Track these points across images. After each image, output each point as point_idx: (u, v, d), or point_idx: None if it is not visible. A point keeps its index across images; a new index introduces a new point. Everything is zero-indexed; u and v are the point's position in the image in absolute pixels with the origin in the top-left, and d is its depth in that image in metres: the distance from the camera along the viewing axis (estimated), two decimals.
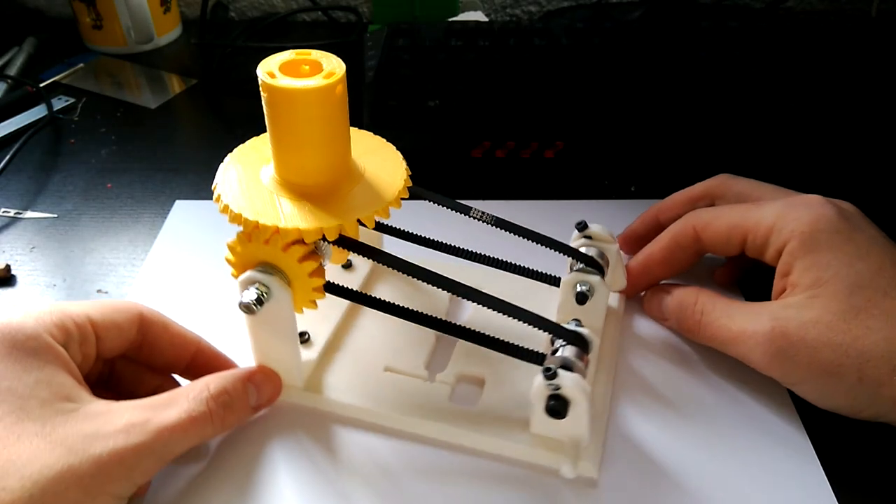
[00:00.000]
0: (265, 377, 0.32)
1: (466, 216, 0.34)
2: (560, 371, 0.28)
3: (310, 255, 0.30)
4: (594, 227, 0.35)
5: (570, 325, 0.31)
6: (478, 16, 0.71)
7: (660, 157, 0.52)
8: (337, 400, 0.34)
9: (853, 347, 0.30)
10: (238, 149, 0.33)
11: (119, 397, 0.29)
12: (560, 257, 0.35)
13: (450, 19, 0.66)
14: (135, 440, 0.26)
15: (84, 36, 0.70)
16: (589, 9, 0.70)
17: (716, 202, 0.39)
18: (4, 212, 0.49)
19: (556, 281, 0.35)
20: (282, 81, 0.28)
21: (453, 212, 0.34)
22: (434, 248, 0.37)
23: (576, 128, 0.52)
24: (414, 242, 0.37)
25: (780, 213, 0.34)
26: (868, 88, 0.53)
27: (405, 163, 0.33)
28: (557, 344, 0.30)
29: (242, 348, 0.37)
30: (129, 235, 0.46)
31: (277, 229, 0.28)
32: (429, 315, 0.33)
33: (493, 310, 0.30)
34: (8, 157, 0.52)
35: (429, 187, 0.34)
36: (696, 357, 0.37)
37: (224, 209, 0.30)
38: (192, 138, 0.58)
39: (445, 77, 0.53)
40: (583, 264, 0.34)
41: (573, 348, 0.29)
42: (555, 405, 0.28)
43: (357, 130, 0.34)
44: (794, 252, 0.32)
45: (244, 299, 0.29)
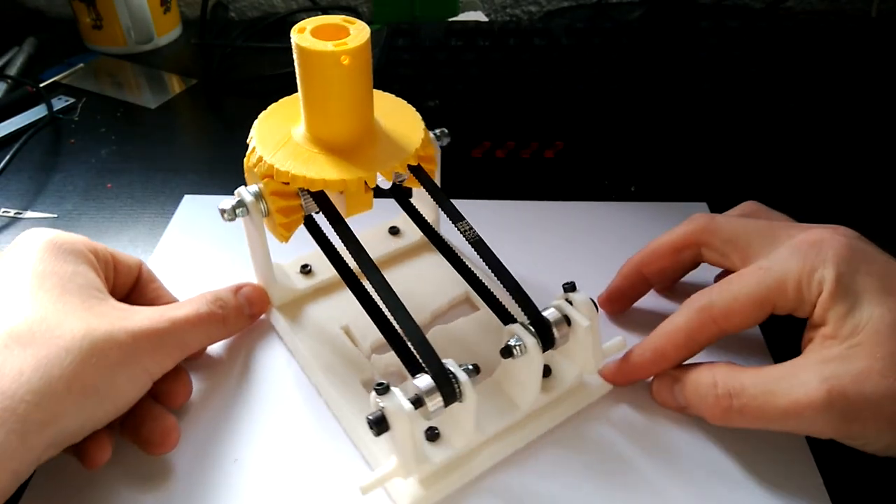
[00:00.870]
0: (253, 290, 0.38)
1: (454, 223, 0.34)
2: (393, 390, 0.28)
3: (283, 195, 0.34)
4: (578, 297, 0.32)
5: (463, 369, 0.29)
6: (478, 16, 0.71)
7: (660, 157, 0.52)
8: (286, 331, 0.38)
9: None
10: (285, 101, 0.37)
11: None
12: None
13: (450, 19, 0.66)
14: (157, 325, 0.31)
15: (84, 36, 0.70)
16: (589, 9, 0.71)
17: (702, 251, 0.36)
18: (4, 212, 0.49)
19: (512, 320, 0.33)
20: (299, 39, 0.31)
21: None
22: (431, 240, 0.37)
23: (576, 128, 0.52)
24: (421, 229, 0.38)
25: (799, 267, 0.31)
26: (868, 88, 0.53)
27: (423, 123, 0.36)
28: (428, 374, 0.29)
29: (243, 343, 0.39)
30: (129, 235, 0.46)
31: (260, 158, 0.33)
32: (370, 298, 0.33)
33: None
34: (8, 157, 0.52)
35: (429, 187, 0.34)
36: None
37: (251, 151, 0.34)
38: (192, 138, 0.58)
39: (445, 77, 0.53)
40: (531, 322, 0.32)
41: (431, 384, 0.29)
42: (372, 420, 0.28)
43: (382, 93, 0.37)
44: (826, 303, 0.30)
45: (222, 205, 0.34)
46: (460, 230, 0.33)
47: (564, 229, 0.46)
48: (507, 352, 0.31)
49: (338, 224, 0.33)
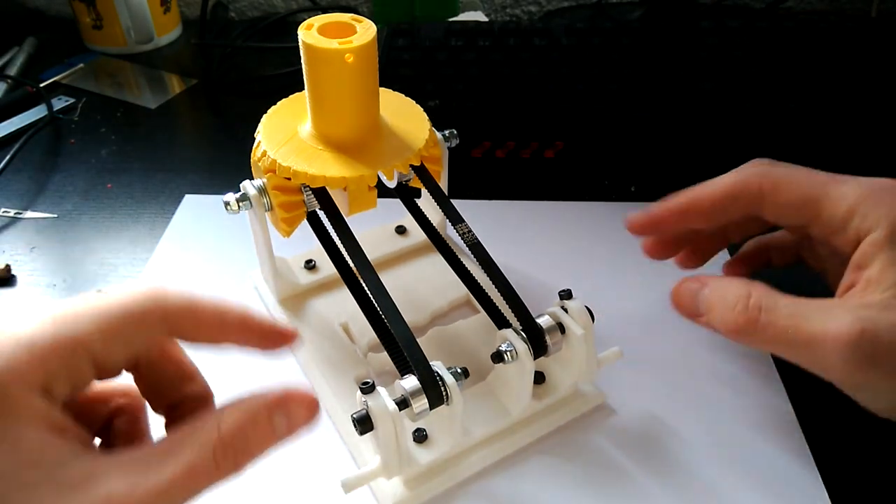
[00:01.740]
0: (299, 400, 0.26)
1: (454, 225, 0.34)
2: (379, 389, 0.28)
3: (285, 190, 0.34)
4: (574, 304, 0.32)
5: (452, 372, 0.29)
6: (478, 16, 0.71)
7: (660, 157, 0.52)
8: (290, 324, 0.37)
9: None
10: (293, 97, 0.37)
11: (149, 395, 0.27)
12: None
13: (450, 19, 0.66)
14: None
15: (84, 36, 0.70)
16: (589, 9, 0.71)
17: (766, 200, 0.33)
18: (4, 212, 0.49)
19: (507, 324, 0.33)
20: (305, 36, 0.31)
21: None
22: (433, 241, 0.37)
23: (576, 128, 0.52)
24: (423, 230, 0.38)
25: (866, 195, 0.29)
26: (868, 88, 0.53)
27: (430, 123, 0.36)
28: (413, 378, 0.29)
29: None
30: (129, 235, 0.46)
31: (265, 153, 0.33)
32: (368, 298, 0.33)
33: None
34: (8, 157, 0.52)
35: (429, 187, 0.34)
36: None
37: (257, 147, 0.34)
38: (192, 138, 0.58)
39: (445, 77, 0.53)
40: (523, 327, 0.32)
41: (417, 385, 0.29)
42: (356, 418, 0.28)
43: (390, 92, 0.37)
44: (879, 243, 0.28)
45: (226, 198, 0.34)
46: (459, 232, 0.33)
47: (564, 229, 0.46)
48: (499, 357, 0.31)
49: (337, 222, 0.33)
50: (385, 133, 0.34)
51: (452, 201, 0.35)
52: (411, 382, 0.29)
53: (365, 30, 0.32)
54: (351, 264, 0.33)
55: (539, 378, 0.34)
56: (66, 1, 0.69)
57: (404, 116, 0.36)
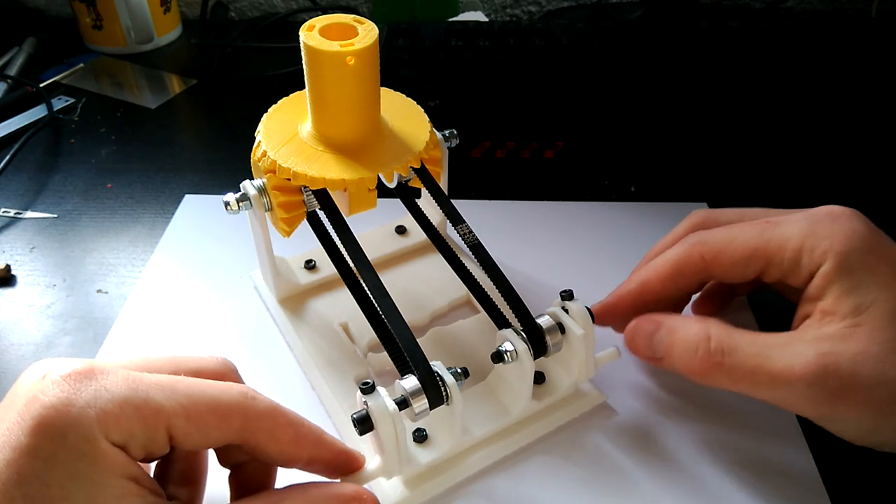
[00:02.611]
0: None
1: (454, 225, 0.34)
2: (378, 389, 0.28)
3: (285, 190, 0.34)
4: (574, 305, 0.32)
5: (452, 372, 0.29)
6: (478, 16, 0.71)
7: (660, 157, 0.52)
8: (286, 325, 0.38)
9: None
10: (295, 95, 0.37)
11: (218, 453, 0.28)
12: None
13: (450, 19, 0.66)
14: None
15: (84, 36, 0.70)
16: (589, 9, 0.71)
17: (711, 267, 0.33)
18: (4, 212, 0.49)
19: (507, 324, 0.33)
20: (307, 38, 0.31)
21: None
22: (433, 241, 0.37)
23: (576, 128, 0.52)
24: (424, 230, 0.38)
25: (808, 231, 0.30)
26: (868, 88, 0.53)
27: (430, 125, 0.35)
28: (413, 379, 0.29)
29: (243, 342, 0.39)
30: (129, 235, 0.46)
31: (265, 153, 0.33)
32: (369, 300, 0.33)
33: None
34: (8, 157, 0.52)
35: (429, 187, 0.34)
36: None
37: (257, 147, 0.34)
38: (192, 138, 0.58)
39: (445, 77, 0.53)
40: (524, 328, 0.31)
41: (417, 385, 0.29)
42: (356, 418, 0.28)
43: (391, 92, 0.37)
44: (829, 275, 0.29)
45: (226, 198, 0.34)
46: (459, 233, 0.33)
47: (564, 229, 0.46)
48: (498, 357, 0.31)
49: (337, 222, 0.33)
50: (386, 135, 0.34)
51: (452, 201, 0.35)
52: (411, 382, 0.29)
53: (367, 32, 0.31)
54: (351, 264, 0.33)
55: (539, 378, 0.34)
56: (66, 1, 0.69)
57: (405, 118, 0.36)
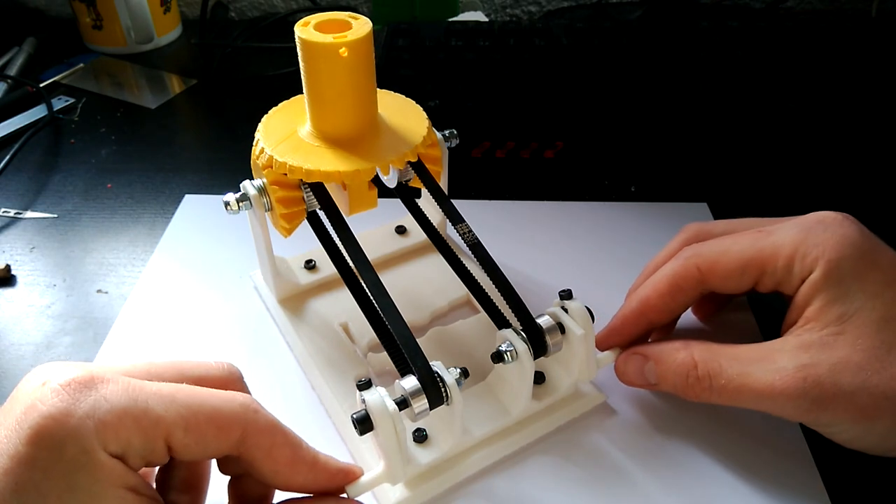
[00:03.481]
0: None
1: (454, 225, 0.34)
2: (378, 389, 0.28)
3: (283, 185, 0.33)
4: (574, 305, 0.32)
5: (454, 372, 0.29)
6: (478, 16, 0.71)
7: (660, 157, 0.52)
8: (286, 325, 0.38)
9: (890, 387, 0.27)
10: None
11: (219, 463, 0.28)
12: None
13: (450, 19, 0.66)
14: None
15: (84, 36, 0.70)
16: (589, 9, 0.71)
17: (707, 280, 0.34)
18: (4, 212, 0.49)
19: (507, 324, 0.33)
20: (301, 31, 0.31)
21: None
22: (433, 241, 0.37)
23: (576, 128, 0.52)
24: (424, 230, 0.38)
25: (800, 239, 0.30)
26: (868, 88, 0.53)
27: (428, 121, 0.35)
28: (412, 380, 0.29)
29: (243, 342, 0.39)
30: (129, 235, 0.46)
31: (262, 150, 0.33)
32: (368, 298, 0.33)
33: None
34: (8, 157, 0.52)
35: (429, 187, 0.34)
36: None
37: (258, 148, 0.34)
38: (192, 138, 0.58)
39: (445, 77, 0.53)
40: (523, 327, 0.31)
41: (417, 385, 0.29)
42: (356, 418, 0.28)
43: (388, 92, 0.37)
44: (817, 283, 0.29)
45: (226, 198, 0.34)
46: (459, 232, 0.33)
47: (564, 229, 0.46)
48: (498, 357, 0.31)
49: (337, 222, 0.33)
50: (383, 129, 0.35)
51: (452, 201, 0.35)
52: (411, 382, 0.29)
53: (360, 25, 0.32)
54: (351, 264, 0.33)
55: (539, 378, 0.34)
56: (66, 1, 0.69)
57: (403, 114, 0.36)
